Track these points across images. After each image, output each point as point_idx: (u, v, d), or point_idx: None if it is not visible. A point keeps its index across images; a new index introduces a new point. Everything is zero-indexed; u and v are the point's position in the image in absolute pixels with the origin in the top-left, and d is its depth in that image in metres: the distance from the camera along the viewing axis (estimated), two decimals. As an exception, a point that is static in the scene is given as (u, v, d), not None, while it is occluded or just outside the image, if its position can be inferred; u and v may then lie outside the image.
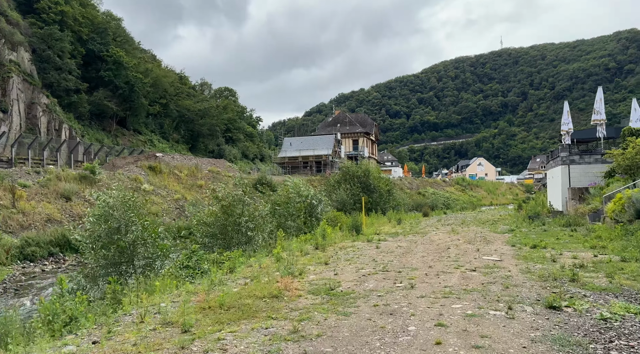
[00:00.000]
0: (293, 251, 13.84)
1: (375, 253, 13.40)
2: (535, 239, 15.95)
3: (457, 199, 77.98)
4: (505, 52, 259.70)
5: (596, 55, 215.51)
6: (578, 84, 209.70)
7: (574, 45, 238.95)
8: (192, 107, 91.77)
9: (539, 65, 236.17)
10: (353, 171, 36.72)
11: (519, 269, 10.11)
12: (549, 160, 31.21)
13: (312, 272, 10.39)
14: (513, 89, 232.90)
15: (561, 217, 23.49)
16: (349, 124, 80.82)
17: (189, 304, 7.68)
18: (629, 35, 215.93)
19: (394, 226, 25.99)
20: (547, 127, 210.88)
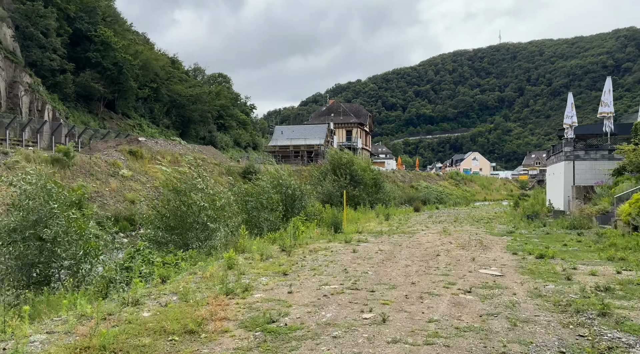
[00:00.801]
0: (253, 254, 11.47)
1: (350, 260, 11.05)
2: (539, 245, 13.64)
3: (451, 193, 75.82)
4: (504, 47, 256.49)
5: (594, 53, 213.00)
6: (575, 81, 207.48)
7: (573, 41, 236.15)
8: (184, 92, 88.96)
9: (536, 61, 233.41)
10: (338, 160, 34.29)
11: (527, 290, 7.78)
12: (550, 155, 28.93)
13: (262, 288, 8.01)
14: (510, 84, 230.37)
15: (563, 218, 21.24)
16: (342, 114, 78.27)
17: (64, 341, 5.32)
18: (628, 33, 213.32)
19: (381, 223, 23.67)
20: (542, 124, 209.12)
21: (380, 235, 16.77)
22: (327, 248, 12.89)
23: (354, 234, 16.74)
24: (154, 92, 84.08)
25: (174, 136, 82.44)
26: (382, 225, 22.21)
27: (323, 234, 16.17)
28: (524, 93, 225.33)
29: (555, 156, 25.81)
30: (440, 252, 12.17)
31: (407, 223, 23.81)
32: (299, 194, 21.56)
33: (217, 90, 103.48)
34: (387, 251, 12.46)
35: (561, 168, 23.42)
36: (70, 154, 35.26)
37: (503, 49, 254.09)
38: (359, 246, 13.51)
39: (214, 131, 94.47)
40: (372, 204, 34.59)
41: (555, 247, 13.24)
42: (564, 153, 23.07)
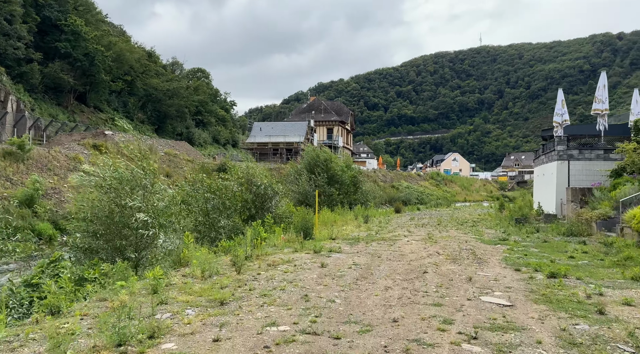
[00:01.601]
0: (194, 270, 8.99)
1: (316, 278, 8.65)
2: (541, 257, 11.48)
3: (431, 194, 74.23)
4: (484, 49, 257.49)
5: (572, 57, 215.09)
6: (553, 85, 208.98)
7: (551, 46, 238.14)
8: (160, 87, 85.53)
9: (516, 64, 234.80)
10: (315, 158, 31.92)
11: (553, 334, 5.49)
12: (539, 155, 27.05)
13: (179, 330, 5.53)
14: (490, 87, 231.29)
15: (558, 223, 19.26)
16: (324, 112, 75.91)
17: None
18: (604, 39, 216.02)
19: (359, 226, 21.33)
20: (521, 126, 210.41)
21: (356, 242, 14.42)
22: (290, 261, 10.45)
23: (327, 242, 14.35)
24: (128, 85, 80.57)
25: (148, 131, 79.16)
26: (360, 229, 19.89)
27: (290, 241, 13.73)
28: (503, 95, 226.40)
29: (546, 155, 23.88)
30: (428, 268, 9.85)
31: (388, 227, 21.55)
32: (270, 194, 19.10)
33: (195, 85, 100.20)
34: (363, 266, 10.09)
35: (553, 168, 21.49)
36: (25, 147, 32.18)
37: (484, 51, 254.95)
38: (330, 257, 11.12)
39: (191, 127, 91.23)
40: (351, 204, 32.33)
41: (561, 261, 11.08)
42: (557, 152, 21.12)
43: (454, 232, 18.56)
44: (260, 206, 18.66)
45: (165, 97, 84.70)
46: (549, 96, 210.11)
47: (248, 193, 17.61)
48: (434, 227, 21.21)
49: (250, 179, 17.85)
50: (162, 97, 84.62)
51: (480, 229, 20.52)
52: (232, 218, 14.92)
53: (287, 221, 18.32)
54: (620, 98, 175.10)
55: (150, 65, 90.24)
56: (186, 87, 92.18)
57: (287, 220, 18.84)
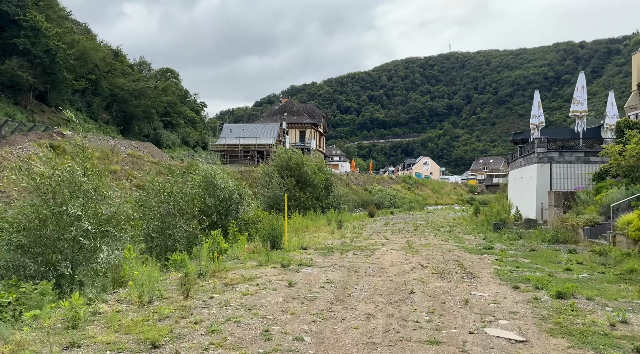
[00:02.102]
0: (131, 294, 7.24)
1: (281, 303, 7.04)
2: (534, 269, 10.22)
3: (404, 197, 73.69)
4: (453, 55, 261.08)
5: (537, 64, 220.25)
6: (519, 91, 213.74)
7: (517, 53, 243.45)
8: (127, 86, 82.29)
9: (483, 70, 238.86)
10: (286, 161, 30.31)
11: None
12: (516, 157, 26.20)
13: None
14: (459, 92, 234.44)
15: (540, 229, 18.25)
16: (296, 114, 74.30)
17: None
18: (567, 47, 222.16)
19: (332, 232, 19.81)
20: (488, 131, 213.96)
21: (330, 253, 12.87)
22: (252, 279, 8.79)
23: (297, 252, 12.74)
24: (92, 85, 77.09)
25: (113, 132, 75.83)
26: (334, 236, 18.38)
27: (256, 252, 12.06)
28: (471, 101, 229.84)
29: (524, 158, 22.98)
30: (414, 285, 8.38)
31: (363, 233, 20.13)
32: (235, 198, 17.36)
33: (164, 85, 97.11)
34: (338, 284, 8.54)
35: (533, 171, 20.56)
36: (-32, 147, 29.32)
37: (453, 57, 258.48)
38: (299, 273, 9.51)
39: (159, 128, 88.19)
40: (324, 209, 30.84)
41: (558, 274, 9.82)
42: (537, 154, 20.20)
43: (434, 239, 17.27)
44: (225, 212, 16.92)
45: (132, 98, 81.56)
46: (515, 101, 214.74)
47: (209, 197, 15.83)
48: (411, 234, 19.92)
49: (212, 181, 16.06)
50: (129, 98, 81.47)
51: (460, 236, 19.34)
52: (189, 225, 13.13)
53: (255, 227, 16.66)
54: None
55: (116, 64, 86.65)
56: (154, 88, 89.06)
57: (254, 227, 17.18)
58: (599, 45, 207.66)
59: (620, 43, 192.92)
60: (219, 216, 16.36)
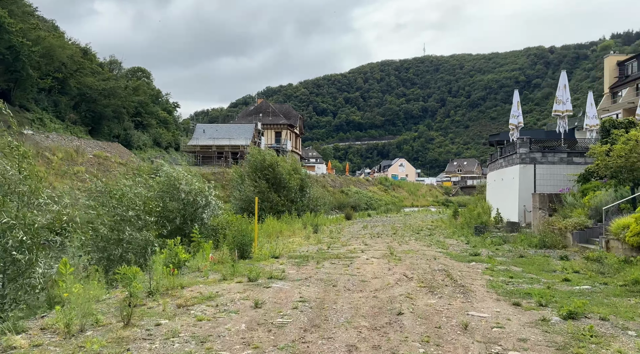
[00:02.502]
0: (57, 320, 5.82)
1: (243, 332, 5.74)
2: (533, 282, 9.20)
3: (380, 199, 73.07)
4: (428, 59, 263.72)
5: (508, 68, 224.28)
6: (491, 94, 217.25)
7: (489, 57, 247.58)
8: (96, 86, 79.29)
9: (457, 74, 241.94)
10: (260, 162, 28.95)
11: None
12: (496, 159, 25.51)
13: None
14: (433, 95, 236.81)
15: (523, 232, 17.42)
16: (272, 115, 72.79)
17: None
18: (537, 52, 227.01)
19: (308, 237, 18.56)
20: (462, 134, 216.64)
21: (305, 261, 11.60)
22: (212, 297, 7.45)
23: (267, 262, 11.43)
24: (59, 83, 73.93)
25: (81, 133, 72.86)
26: (310, 241, 17.13)
27: (221, 263, 10.71)
28: (445, 104, 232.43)
29: (505, 159, 22.24)
30: (402, 304, 7.19)
31: (340, 237, 18.94)
32: (201, 202, 15.94)
33: (135, 85, 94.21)
34: (314, 302, 7.28)
35: (515, 172, 19.80)
36: None
37: (427, 61, 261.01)
38: (269, 289, 8.21)
39: (130, 128, 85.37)
40: (300, 211, 29.57)
41: (556, 285, 8.83)
42: (519, 155, 19.44)
43: (415, 244, 16.21)
44: (191, 216, 15.47)
45: (101, 97, 78.61)
46: (487, 105, 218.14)
47: (171, 201, 14.37)
48: (391, 238, 18.84)
49: (175, 183, 14.60)
50: (98, 97, 78.50)
51: (441, 240, 18.37)
52: (145, 232, 11.64)
53: (223, 234, 15.25)
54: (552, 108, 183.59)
55: (84, 62, 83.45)
56: (124, 87, 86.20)
57: (223, 233, 15.77)
58: (567, 50, 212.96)
59: (588, 49, 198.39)
60: (184, 221, 14.91)
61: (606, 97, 48.15)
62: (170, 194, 14.89)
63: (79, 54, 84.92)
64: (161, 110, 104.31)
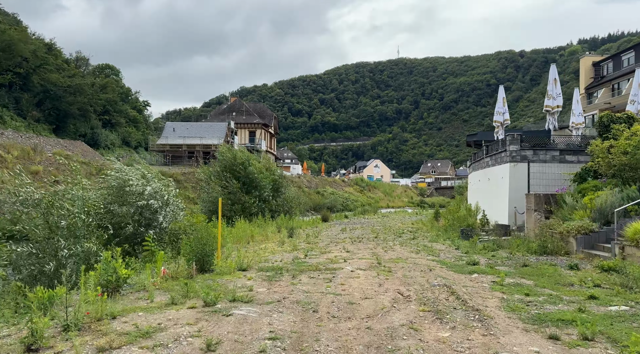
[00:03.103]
0: None
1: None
2: (556, 301, 7.52)
3: (356, 200, 71.60)
4: (402, 61, 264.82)
5: (480, 71, 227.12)
6: (464, 97, 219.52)
7: (462, 60, 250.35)
8: (60, 82, 75.28)
9: (430, 76, 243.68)
10: (231, 160, 26.87)
11: None
12: (480, 157, 24.12)
13: None
14: (407, 97, 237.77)
15: (515, 236, 15.93)
16: (245, 114, 70.39)
17: None
18: (508, 55, 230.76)
19: (282, 243, 16.59)
20: (435, 135, 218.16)
21: (278, 275, 9.66)
22: (149, 334, 5.44)
23: (233, 276, 9.43)
24: (21, 79, 69.81)
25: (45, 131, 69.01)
26: (284, 247, 15.18)
27: (174, 279, 8.67)
28: (419, 106, 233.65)
29: (492, 157, 20.83)
30: (406, 341, 5.35)
31: (319, 242, 17.06)
32: (156, 205, 13.78)
33: (103, 82, 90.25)
34: (288, 340, 5.37)
35: (504, 171, 18.37)
36: None
37: (401, 63, 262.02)
38: (229, 317, 6.24)
39: (97, 127, 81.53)
40: (274, 213, 27.59)
41: (583, 303, 7.18)
42: (509, 153, 18.01)
43: (402, 251, 14.47)
44: (146, 222, 13.32)
45: (66, 94, 74.71)
46: (460, 107, 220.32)
47: (121, 206, 12.21)
48: (373, 243, 17.08)
49: (125, 185, 12.44)
50: (63, 94, 74.57)
51: (427, 245, 16.72)
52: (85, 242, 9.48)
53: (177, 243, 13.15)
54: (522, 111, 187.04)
55: (48, 58, 79.21)
56: (91, 84, 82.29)
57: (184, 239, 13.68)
58: (537, 54, 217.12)
59: (556, 53, 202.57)
60: (137, 227, 12.74)
61: (581, 97, 47.83)
62: (119, 197, 12.70)
63: (43, 49, 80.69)
64: (131, 109, 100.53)
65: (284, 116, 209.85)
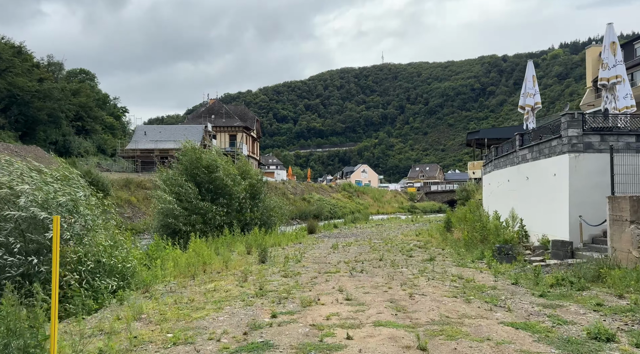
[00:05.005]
0: None
1: None
2: None
3: (345, 206, 65.88)
4: (386, 66, 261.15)
5: (464, 76, 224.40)
6: (448, 101, 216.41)
7: (446, 65, 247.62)
8: (28, 87, 68.74)
9: (415, 81, 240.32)
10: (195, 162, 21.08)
11: None
12: (505, 153, 18.54)
13: None
14: (392, 102, 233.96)
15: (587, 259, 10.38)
16: (225, 116, 64.46)
17: None
18: (491, 60, 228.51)
19: (245, 277, 10.65)
20: (421, 140, 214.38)
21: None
22: None
23: None
24: (-17, 84, 63.18)
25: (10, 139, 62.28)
26: (245, 289, 9.32)
27: None
28: (404, 111, 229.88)
29: (532, 149, 15.23)
30: None
31: (301, 272, 11.26)
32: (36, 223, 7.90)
33: (75, 87, 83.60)
34: None
35: (560, 166, 12.87)
36: None
37: (386, 68, 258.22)
38: None
39: (69, 134, 74.88)
40: (248, 226, 21.77)
41: None
42: (567, 140, 12.48)
43: (434, 291, 8.77)
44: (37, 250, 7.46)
45: (35, 99, 68.18)
46: (445, 111, 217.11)
47: None
48: (381, 271, 11.35)
49: None
50: (31, 99, 68.02)
51: (460, 273, 11.10)
52: None
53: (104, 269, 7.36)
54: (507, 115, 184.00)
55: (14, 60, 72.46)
56: (61, 89, 75.62)
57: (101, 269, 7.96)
58: (519, 59, 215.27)
59: (539, 57, 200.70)
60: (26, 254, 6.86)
61: (589, 91, 43.00)
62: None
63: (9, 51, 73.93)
64: (107, 115, 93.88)
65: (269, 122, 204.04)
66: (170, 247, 14.33)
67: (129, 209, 39.88)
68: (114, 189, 40.26)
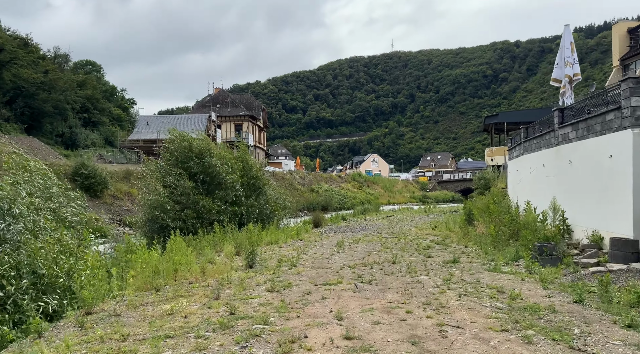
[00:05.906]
0: None
1: None
2: None
3: (354, 196, 63.26)
4: (396, 55, 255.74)
5: (476, 63, 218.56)
6: (460, 89, 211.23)
7: (457, 52, 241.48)
8: (33, 78, 67.19)
9: (425, 69, 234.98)
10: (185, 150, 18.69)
11: None
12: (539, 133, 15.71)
13: None
14: (402, 91, 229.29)
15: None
16: (230, 106, 62.01)
17: None
18: (504, 46, 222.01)
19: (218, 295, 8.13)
20: (432, 129, 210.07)
21: None
22: None
23: None
24: (-10, 75, 61.71)
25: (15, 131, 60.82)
26: (213, 310, 6.85)
27: None
28: (414, 99, 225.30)
29: (576, 126, 12.41)
30: None
31: (292, 283, 8.73)
32: None
33: (81, 79, 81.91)
34: None
35: (618, 145, 10.04)
36: None
37: (395, 57, 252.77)
38: None
39: (76, 126, 73.40)
40: (244, 220, 19.34)
41: None
42: (630, 111, 9.61)
43: (474, 321, 6.22)
44: None
45: (40, 91, 66.64)
46: (456, 99, 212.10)
47: None
48: (394, 280, 8.79)
49: None
50: (36, 91, 66.47)
51: (497, 284, 8.50)
52: None
53: None
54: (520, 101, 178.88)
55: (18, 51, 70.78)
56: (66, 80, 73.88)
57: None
58: (532, 44, 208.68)
59: (552, 42, 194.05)
60: None
61: (616, 70, 39.51)
62: None
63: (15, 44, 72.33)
64: (115, 107, 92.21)
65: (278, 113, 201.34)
66: (143, 248, 11.90)
67: (128, 201, 37.83)
68: (113, 181, 38.24)
